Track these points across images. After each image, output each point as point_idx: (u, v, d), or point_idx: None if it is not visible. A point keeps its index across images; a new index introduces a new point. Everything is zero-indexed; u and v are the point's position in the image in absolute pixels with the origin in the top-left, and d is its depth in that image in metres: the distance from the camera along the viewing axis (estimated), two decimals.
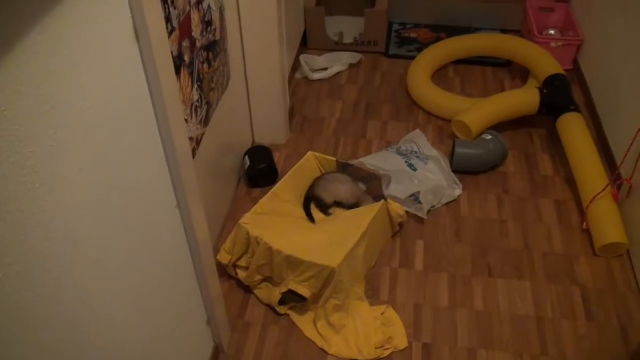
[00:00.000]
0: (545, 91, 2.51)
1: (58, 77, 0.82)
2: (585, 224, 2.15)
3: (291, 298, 1.88)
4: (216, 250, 2.02)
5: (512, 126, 2.61)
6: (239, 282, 1.98)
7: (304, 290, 1.81)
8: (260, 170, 2.36)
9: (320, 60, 3.04)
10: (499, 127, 2.55)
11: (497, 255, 2.10)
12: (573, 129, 2.37)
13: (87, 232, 0.93)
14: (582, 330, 1.86)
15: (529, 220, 2.23)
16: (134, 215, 1.11)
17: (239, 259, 1.94)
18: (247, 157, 2.40)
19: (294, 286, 1.82)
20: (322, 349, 1.81)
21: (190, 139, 1.71)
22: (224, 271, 2.00)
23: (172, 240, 1.34)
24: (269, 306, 1.93)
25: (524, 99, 2.53)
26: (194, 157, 1.73)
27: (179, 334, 1.45)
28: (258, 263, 1.86)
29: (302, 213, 2.10)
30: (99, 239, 0.97)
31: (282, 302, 1.89)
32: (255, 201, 2.14)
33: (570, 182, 2.36)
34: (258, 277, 1.90)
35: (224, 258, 1.94)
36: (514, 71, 3.00)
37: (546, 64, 2.64)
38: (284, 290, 1.84)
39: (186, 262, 1.45)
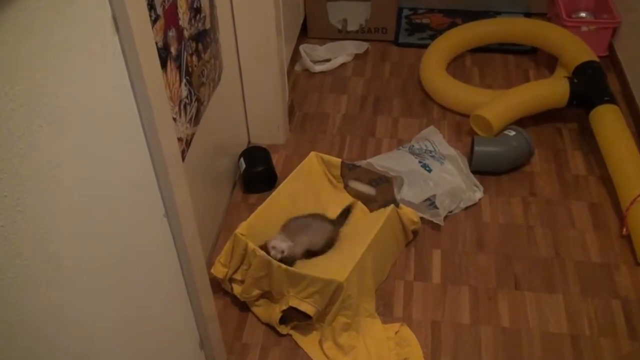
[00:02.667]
0: (575, 81, 2.49)
1: (26, 74, 0.81)
2: (624, 229, 2.13)
3: (293, 316, 1.86)
4: (209, 264, 2.01)
5: (538, 121, 2.60)
6: (235, 300, 1.97)
7: (307, 307, 1.80)
8: (257, 173, 2.35)
9: (322, 51, 3.04)
10: (523, 122, 2.53)
11: (524, 266, 2.08)
12: (608, 122, 2.35)
13: (64, 246, 0.92)
14: (625, 350, 1.84)
15: (559, 226, 2.21)
16: (117, 226, 1.10)
17: (235, 271, 1.93)
18: (242, 160, 2.39)
19: (295, 303, 1.80)
20: None
21: (179, 139, 1.70)
22: (217, 287, 1.98)
23: (160, 253, 1.33)
24: (269, 326, 1.92)
25: (551, 90, 2.51)
26: (183, 159, 1.72)
27: (168, 357, 1.43)
28: (255, 275, 1.85)
29: None
30: (77, 253, 0.96)
31: (283, 321, 1.88)
32: (251, 208, 2.12)
33: (607, 182, 2.34)
34: (256, 292, 1.89)
35: (219, 272, 1.93)
36: (540, 59, 2.99)
37: (576, 51, 2.63)
38: (284, 307, 1.83)
39: (176, 277, 1.44)
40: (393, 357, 1.81)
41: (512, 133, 2.41)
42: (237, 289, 1.94)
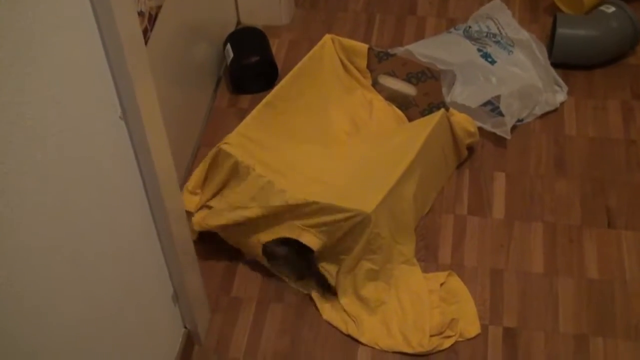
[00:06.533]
0: None
1: None
2: None
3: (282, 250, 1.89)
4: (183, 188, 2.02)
5: None
6: (223, 240, 1.99)
7: (310, 239, 1.80)
8: (249, 66, 2.34)
9: None
10: None
11: (621, 196, 2.09)
12: None
13: None
14: None
15: None
16: (57, 130, 1.09)
17: (209, 199, 1.96)
18: (229, 46, 2.37)
19: (295, 232, 1.81)
20: (349, 336, 1.84)
21: (139, 14, 1.67)
22: None
23: (115, 168, 1.33)
24: (270, 274, 1.94)
25: None
26: (145, 43, 1.70)
27: (128, 315, 1.46)
28: (241, 202, 1.86)
29: (317, 131, 2.07)
30: (5, 166, 0.96)
31: (270, 255, 1.91)
32: (242, 114, 2.12)
33: None
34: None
35: (190, 203, 1.95)
36: None
37: None
38: (270, 238, 1.85)
39: (138, 203, 1.45)
40: (437, 317, 1.83)
41: (611, 9, 2.37)
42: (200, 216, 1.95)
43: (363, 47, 2.19)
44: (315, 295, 1.90)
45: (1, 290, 0.99)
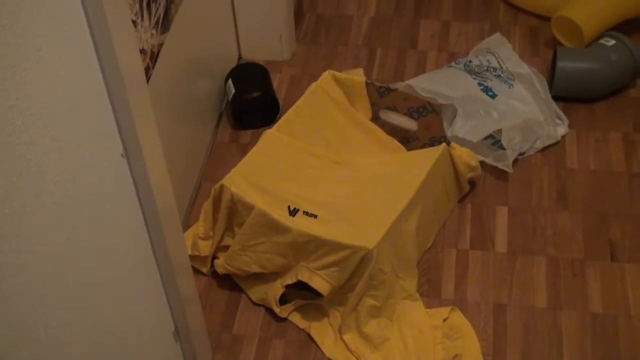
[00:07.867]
0: None
1: None
2: None
3: (294, 293, 1.90)
4: (185, 226, 2.02)
5: None
6: (223, 276, 1.99)
7: (319, 283, 1.82)
8: (251, 101, 2.35)
9: None
10: (626, 28, 2.50)
11: (624, 229, 2.09)
12: None
13: None
14: None
15: None
16: (59, 170, 1.10)
17: (221, 240, 1.96)
18: (230, 82, 2.39)
19: (306, 276, 1.82)
20: None
21: (141, 51, 1.69)
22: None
23: (117, 206, 1.34)
24: (270, 310, 1.94)
25: None
26: (147, 80, 1.71)
27: (129, 352, 1.45)
28: (248, 241, 1.87)
29: (320, 164, 2.08)
30: (8, 207, 0.96)
31: (284, 300, 1.91)
32: (244, 149, 2.13)
33: None
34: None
35: (205, 248, 1.96)
36: None
37: None
38: (290, 281, 1.86)
39: (140, 241, 1.45)
40: (440, 353, 1.83)
41: (611, 42, 2.39)
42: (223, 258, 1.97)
43: (360, 81, 2.21)
44: (314, 333, 1.90)
45: (6, 329, 0.99)
